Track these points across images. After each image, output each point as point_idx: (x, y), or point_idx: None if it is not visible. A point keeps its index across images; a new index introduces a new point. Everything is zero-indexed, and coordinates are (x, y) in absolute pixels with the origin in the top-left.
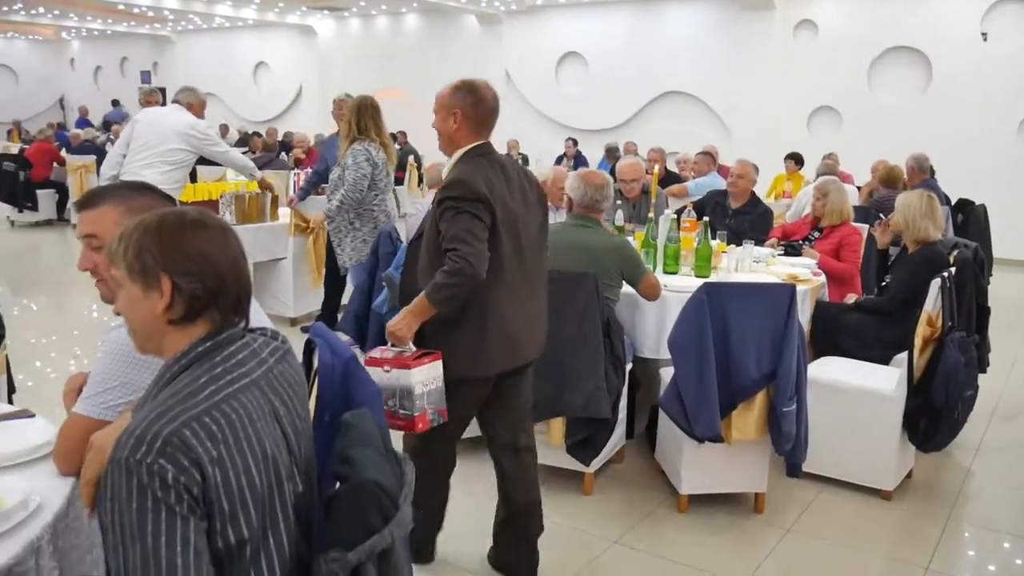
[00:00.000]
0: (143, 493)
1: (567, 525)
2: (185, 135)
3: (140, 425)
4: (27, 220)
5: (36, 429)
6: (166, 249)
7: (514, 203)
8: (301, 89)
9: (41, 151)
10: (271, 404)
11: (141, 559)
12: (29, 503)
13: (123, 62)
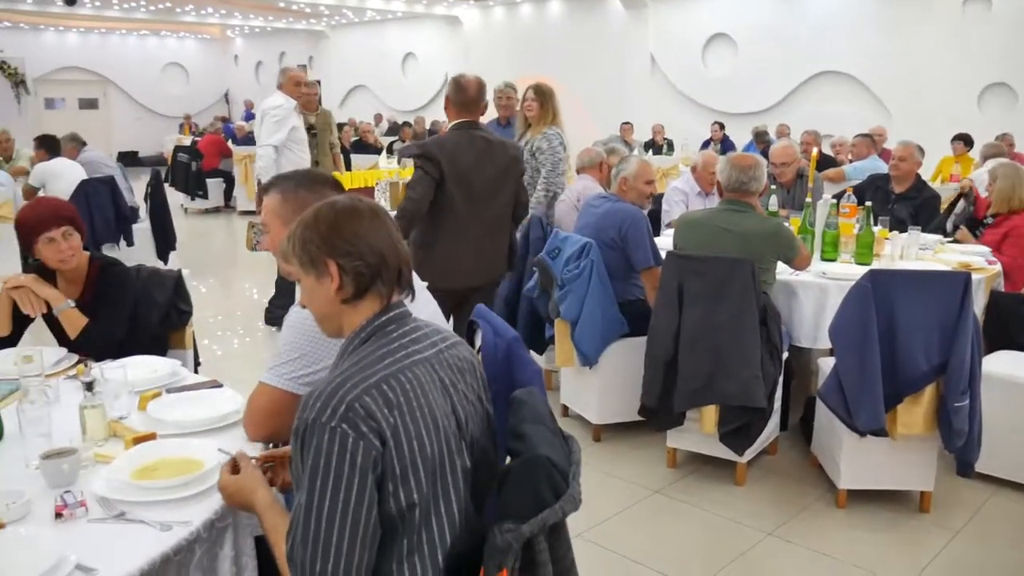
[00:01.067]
0: (319, 453)
1: (719, 514)
2: (262, 110)
3: (325, 390)
4: (198, 207)
5: (225, 398)
6: (326, 237)
7: (470, 163)
8: (447, 78)
9: (211, 143)
10: (442, 381)
11: (305, 511)
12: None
13: (281, 56)
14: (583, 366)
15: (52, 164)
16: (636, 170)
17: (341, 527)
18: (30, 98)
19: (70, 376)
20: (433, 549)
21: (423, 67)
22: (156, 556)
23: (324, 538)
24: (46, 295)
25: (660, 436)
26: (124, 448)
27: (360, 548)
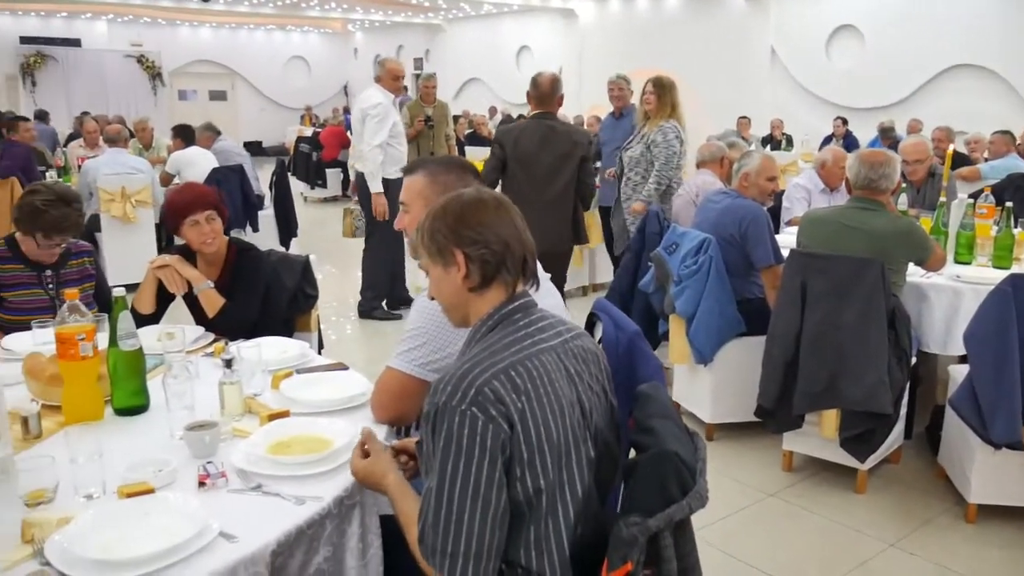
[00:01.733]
0: (451, 436)
1: (838, 521)
2: (362, 110)
3: (455, 374)
4: (317, 196)
5: (352, 380)
6: (453, 227)
7: (532, 147)
8: (560, 71)
9: (332, 134)
10: (567, 370)
11: (436, 493)
12: (354, 444)
13: (399, 50)
14: (698, 364)
15: (187, 152)
16: (758, 166)
17: (472, 508)
18: (165, 90)
19: (207, 354)
20: (559, 538)
21: (537, 60)
22: (291, 528)
23: (456, 520)
24: (189, 275)
25: (775, 438)
26: (259, 424)
27: (492, 529)
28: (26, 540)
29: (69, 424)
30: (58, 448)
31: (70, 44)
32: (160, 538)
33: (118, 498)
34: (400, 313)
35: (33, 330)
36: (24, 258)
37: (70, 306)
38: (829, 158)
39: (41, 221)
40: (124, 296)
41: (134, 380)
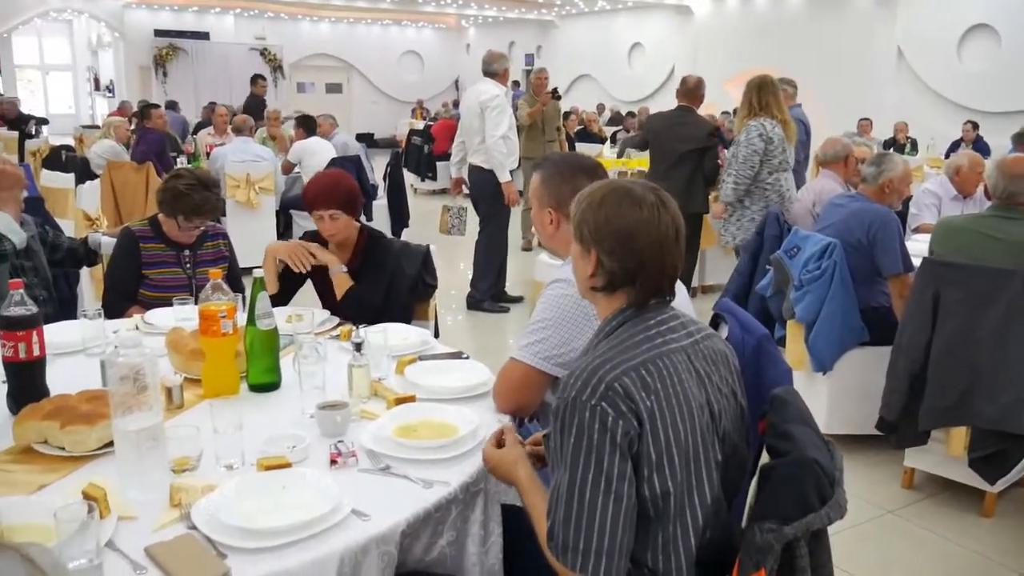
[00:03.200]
0: (581, 431)
1: (961, 545)
2: (479, 103)
3: (586, 369)
4: (427, 188)
5: (473, 369)
6: (599, 225)
7: (664, 132)
8: (673, 69)
9: (444, 128)
10: (697, 372)
11: (567, 489)
12: (479, 432)
13: (511, 46)
14: (816, 371)
15: (308, 142)
16: (902, 172)
17: (604, 503)
18: (285, 82)
19: (333, 336)
20: (688, 542)
21: (650, 58)
22: (420, 510)
23: (587, 516)
24: (326, 259)
25: (896, 453)
26: (386, 407)
27: (623, 526)
28: (174, 504)
29: (207, 397)
30: (198, 419)
31: (199, 37)
32: (296, 511)
33: (257, 470)
34: (508, 307)
35: (174, 306)
36: (165, 238)
37: (213, 285)
38: (965, 163)
39: (183, 204)
40: (262, 277)
41: (268, 358)
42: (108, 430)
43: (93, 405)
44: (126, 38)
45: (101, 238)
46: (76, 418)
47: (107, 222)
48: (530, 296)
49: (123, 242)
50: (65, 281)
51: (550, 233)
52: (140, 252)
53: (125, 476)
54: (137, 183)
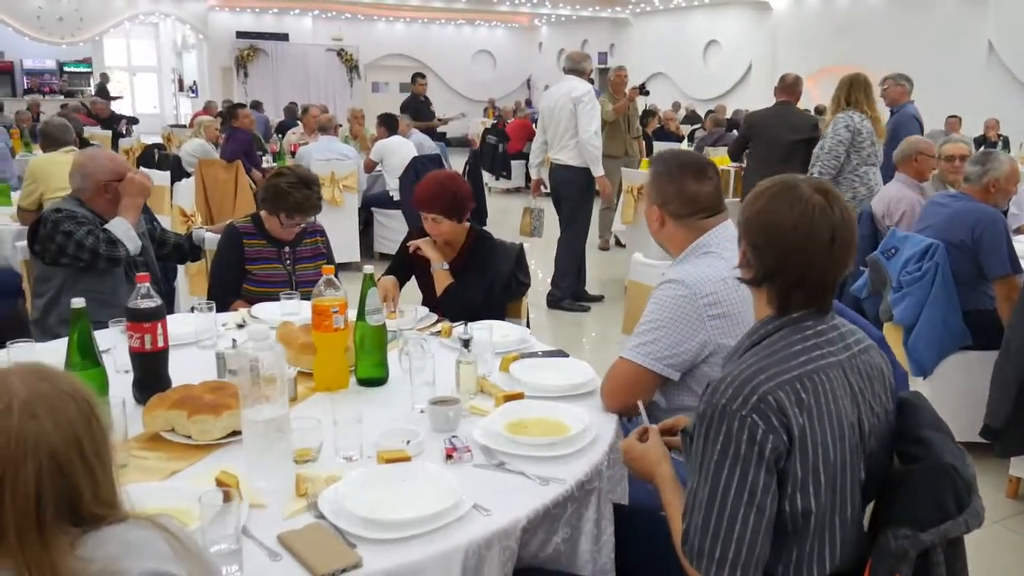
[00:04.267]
0: (728, 440)
1: None
2: (572, 99)
3: (739, 377)
4: (501, 187)
5: (576, 367)
6: (750, 216)
7: (766, 126)
8: (750, 66)
9: (518, 127)
10: (851, 388)
11: (707, 497)
12: (590, 431)
13: (583, 44)
14: (915, 375)
15: (390, 141)
16: (1008, 171)
17: (745, 515)
18: (360, 82)
19: (434, 333)
20: (823, 562)
21: (726, 54)
22: (539, 507)
23: (727, 525)
24: (431, 255)
25: (1001, 462)
26: (495, 404)
27: (762, 539)
28: (300, 494)
29: (319, 390)
30: (314, 411)
31: (279, 38)
32: (419, 504)
33: (377, 463)
34: (588, 306)
35: (281, 301)
36: (267, 235)
37: (326, 281)
38: None
39: (285, 202)
40: (372, 273)
41: (377, 353)
42: (232, 420)
43: (216, 395)
44: (210, 40)
45: (205, 234)
46: (202, 407)
47: (200, 218)
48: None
49: (227, 238)
50: (164, 276)
51: (656, 229)
52: (243, 248)
53: (253, 465)
54: (226, 180)
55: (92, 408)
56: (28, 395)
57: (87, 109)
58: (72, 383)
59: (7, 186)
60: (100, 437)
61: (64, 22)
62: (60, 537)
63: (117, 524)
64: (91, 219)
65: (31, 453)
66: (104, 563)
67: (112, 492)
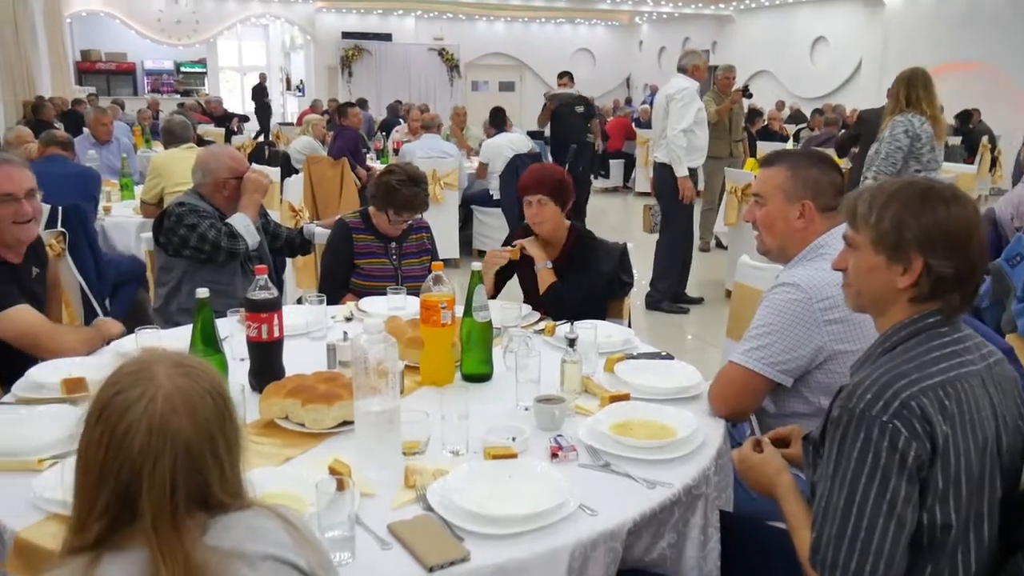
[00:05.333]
0: (867, 447)
1: None
2: (666, 96)
3: (878, 382)
4: (599, 186)
5: (682, 370)
6: (927, 229)
7: None
8: (860, 64)
9: (618, 125)
10: (990, 398)
11: (843, 506)
12: (697, 435)
13: (685, 42)
14: None
15: (496, 140)
16: None
17: (884, 527)
18: (460, 81)
19: (537, 331)
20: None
21: (834, 52)
22: (646, 510)
23: (864, 537)
24: (534, 254)
25: None
26: (600, 405)
27: (901, 553)
28: (408, 485)
29: (424, 384)
30: (420, 405)
31: (382, 39)
32: (526, 501)
33: (484, 458)
34: (687, 308)
35: (388, 295)
36: (375, 230)
37: (435, 277)
38: None
39: (394, 199)
40: (479, 271)
41: (483, 350)
42: (344, 410)
43: (329, 386)
44: (316, 40)
45: (315, 229)
46: (316, 397)
47: (307, 213)
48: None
49: (337, 233)
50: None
51: (796, 228)
52: (352, 243)
53: (363, 455)
54: (332, 177)
55: (227, 405)
56: (171, 389)
57: (202, 107)
58: (212, 380)
59: (130, 180)
60: (232, 434)
61: (182, 25)
62: (190, 523)
63: (242, 511)
64: (212, 213)
65: (169, 446)
66: (230, 547)
67: (239, 482)
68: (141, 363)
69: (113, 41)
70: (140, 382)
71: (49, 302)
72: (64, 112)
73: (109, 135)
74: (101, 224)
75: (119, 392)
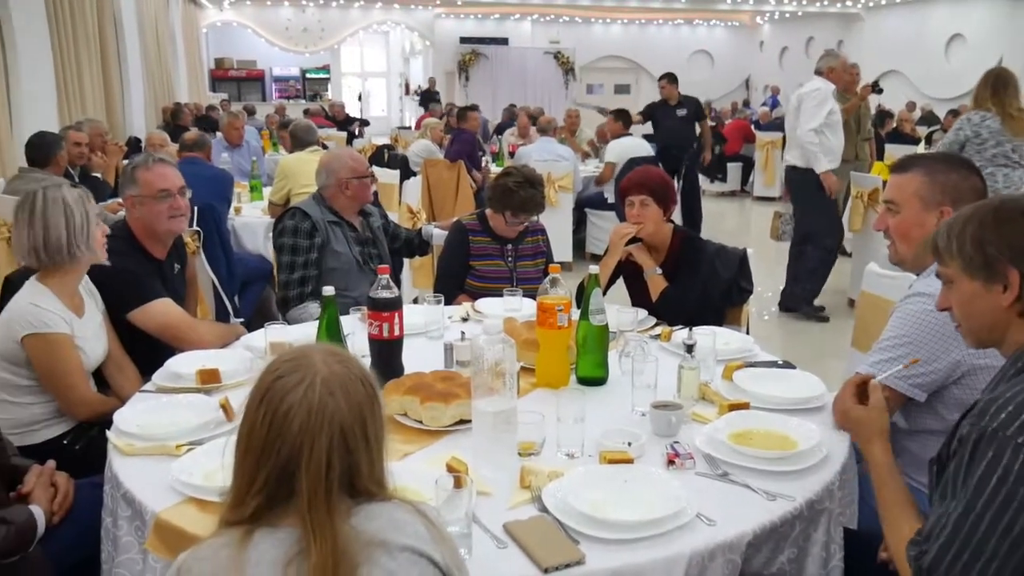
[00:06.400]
0: (994, 466)
1: None
2: (797, 96)
3: (1012, 400)
4: (715, 190)
5: (804, 380)
6: (1011, 240)
7: None
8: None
9: (737, 128)
10: None
11: (957, 519)
12: (820, 448)
13: (808, 42)
14: None
15: (624, 139)
16: None
17: (997, 547)
18: (575, 84)
19: (653, 336)
20: None
21: (971, 50)
22: (766, 522)
23: (987, 557)
24: (641, 260)
25: None
26: (718, 412)
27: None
28: (523, 486)
29: (539, 386)
30: (535, 406)
31: (498, 43)
32: (642, 508)
33: (599, 462)
34: (828, 316)
35: (504, 297)
36: (491, 232)
37: (552, 279)
38: None
39: (512, 200)
40: (597, 274)
41: (598, 353)
42: (461, 409)
43: (447, 385)
44: (435, 46)
45: (433, 230)
46: (434, 395)
47: (424, 215)
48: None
49: (455, 234)
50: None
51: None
52: (469, 244)
53: (479, 454)
54: (449, 179)
55: (376, 393)
56: (328, 374)
57: (325, 112)
58: (362, 369)
59: (259, 182)
60: (379, 421)
61: (308, 32)
62: (340, 506)
63: (385, 502)
64: (311, 248)
65: (326, 426)
66: (372, 534)
67: (383, 473)
68: (299, 352)
69: (244, 49)
70: (299, 368)
71: (186, 297)
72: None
73: (241, 139)
74: (232, 224)
75: (280, 377)
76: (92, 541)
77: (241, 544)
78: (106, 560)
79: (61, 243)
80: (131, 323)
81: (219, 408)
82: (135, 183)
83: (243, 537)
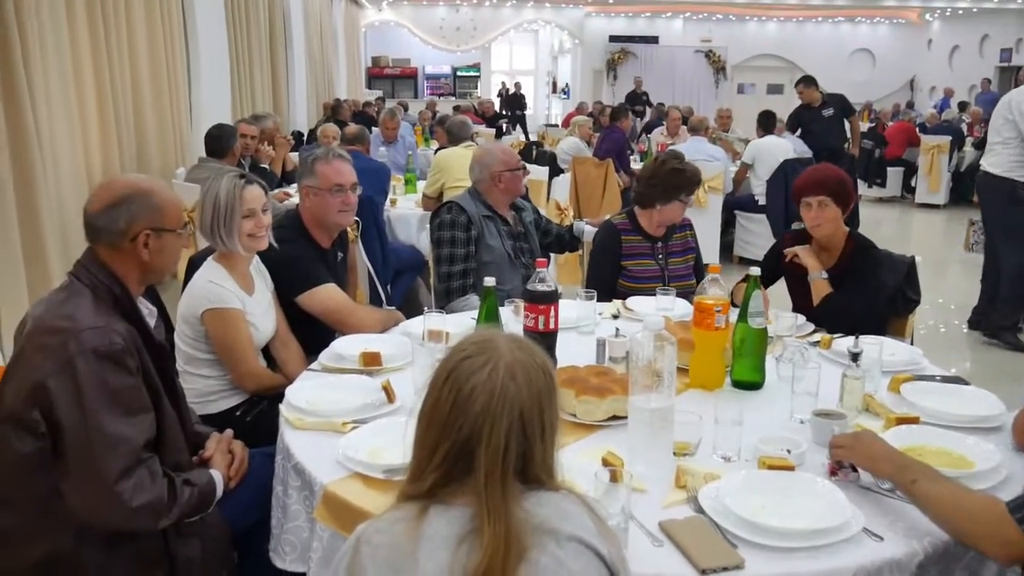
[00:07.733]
0: None
1: None
2: (1005, 102)
3: None
4: (873, 195)
5: (978, 397)
6: None
7: None
8: None
9: (900, 130)
10: None
11: None
12: (1000, 470)
13: (983, 40)
14: None
15: (764, 141)
16: None
17: None
18: (726, 83)
19: (812, 342)
20: None
21: None
22: (940, 543)
23: None
24: (808, 264)
25: None
26: (884, 425)
27: None
28: (679, 485)
29: (693, 387)
30: (690, 406)
31: (648, 41)
32: (803, 517)
33: (758, 467)
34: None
35: (657, 295)
36: (642, 231)
37: (711, 279)
38: None
39: (681, 179)
40: (757, 276)
41: (756, 357)
42: (615, 404)
43: (601, 380)
44: (584, 44)
45: (584, 226)
46: (588, 389)
47: (572, 212)
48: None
49: (606, 235)
50: None
51: None
52: (621, 244)
53: (634, 451)
54: (596, 177)
55: (554, 384)
56: (511, 360)
57: (475, 109)
58: (543, 358)
59: (414, 176)
60: (555, 411)
61: (460, 32)
62: (513, 489)
63: (554, 492)
64: (468, 240)
65: (507, 410)
66: (542, 520)
67: (553, 462)
68: (484, 335)
69: (399, 48)
70: (485, 351)
71: (346, 284)
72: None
73: (395, 135)
74: (387, 216)
75: (466, 358)
76: (263, 507)
77: (417, 519)
78: (276, 526)
79: (206, 231)
80: (297, 305)
81: (381, 390)
82: (313, 174)
83: (419, 513)
